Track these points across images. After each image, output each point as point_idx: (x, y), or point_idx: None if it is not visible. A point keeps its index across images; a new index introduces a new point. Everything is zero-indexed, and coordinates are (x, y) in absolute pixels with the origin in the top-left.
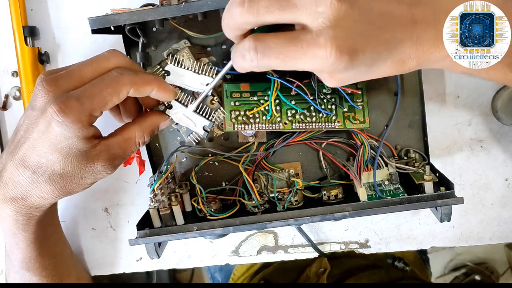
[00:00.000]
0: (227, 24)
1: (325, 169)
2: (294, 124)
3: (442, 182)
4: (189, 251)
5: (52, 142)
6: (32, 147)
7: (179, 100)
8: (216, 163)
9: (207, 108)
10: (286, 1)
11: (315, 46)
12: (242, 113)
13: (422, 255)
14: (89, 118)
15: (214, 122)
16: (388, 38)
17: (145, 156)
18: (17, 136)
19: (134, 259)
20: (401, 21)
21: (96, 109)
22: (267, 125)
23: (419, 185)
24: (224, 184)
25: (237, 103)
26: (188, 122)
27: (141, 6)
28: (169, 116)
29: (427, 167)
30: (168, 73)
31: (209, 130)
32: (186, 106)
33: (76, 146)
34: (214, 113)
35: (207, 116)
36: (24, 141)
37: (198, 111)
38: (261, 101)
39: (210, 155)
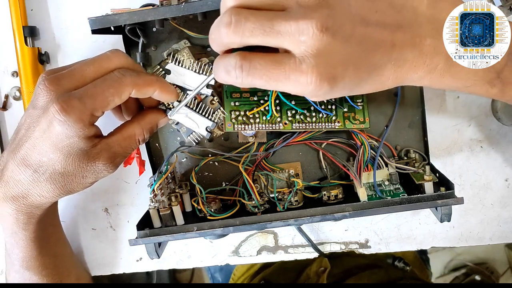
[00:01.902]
0: (213, 40)
1: (325, 169)
2: (294, 124)
3: (442, 182)
4: (189, 251)
5: (53, 141)
6: (34, 146)
7: (180, 101)
8: (216, 163)
9: (209, 108)
10: (270, 27)
11: (297, 72)
12: (242, 113)
13: (422, 255)
14: (90, 117)
15: (216, 122)
16: (368, 63)
17: (145, 156)
18: (18, 135)
19: (134, 259)
20: (382, 46)
21: (98, 109)
22: (267, 125)
23: (419, 185)
24: (224, 184)
25: (237, 103)
26: (191, 123)
27: (141, 6)
28: (170, 117)
29: (427, 167)
30: (168, 72)
31: (212, 130)
32: (188, 107)
33: (77, 145)
34: (215, 113)
35: (209, 117)
36: (25, 140)
37: (200, 111)
38: (261, 101)
39: (210, 155)
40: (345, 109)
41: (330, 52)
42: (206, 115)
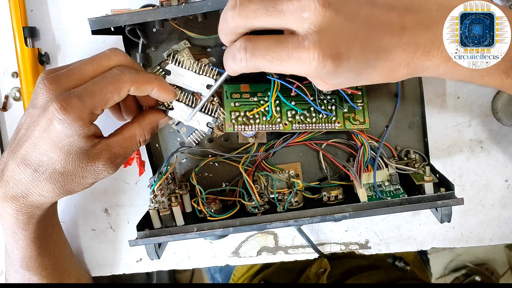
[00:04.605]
0: (221, 29)
1: (325, 170)
2: (294, 125)
3: (442, 183)
4: (189, 252)
5: (53, 140)
6: (34, 145)
7: (180, 100)
8: (216, 164)
9: (209, 105)
10: (273, 6)
11: (300, 49)
12: (242, 113)
13: (422, 255)
14: (90, 116)
15: (217, 118)
16: (375, 44)
17: (145, 157)
18: (18, 134)
19: (134, 260)
20: (390, 28)
21: (97, 107)
22: (267, 126)
23: (419, 186)
24: (224, 185)
25: (237, 104)
26: (192, 120)
27: (141, 7)
28: (170, 117)
29: (427, 168)
30: (168, 72)
31: (213, 126)
32: (189, 106)
33: (77, 144)
34: (216, 111)
35: (209, 113)
36: (25, 139)
37: (200, 109)
38: (261, 102)
39: (210, 156)
40: (345, 110)
41: (333, 28)
42: (206, 111)
